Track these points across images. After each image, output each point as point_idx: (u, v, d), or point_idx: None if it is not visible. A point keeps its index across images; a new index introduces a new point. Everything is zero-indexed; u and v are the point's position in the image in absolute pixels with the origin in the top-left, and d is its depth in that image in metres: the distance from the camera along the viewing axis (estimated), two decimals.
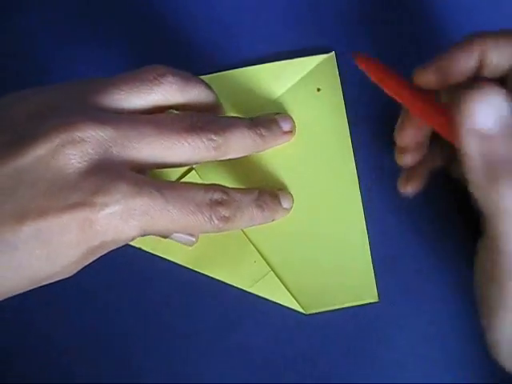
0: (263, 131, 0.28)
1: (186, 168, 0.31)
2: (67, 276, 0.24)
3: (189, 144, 0.25)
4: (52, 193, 0.22)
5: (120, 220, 0.23)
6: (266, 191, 0.29)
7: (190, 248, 0.30)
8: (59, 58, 0.33)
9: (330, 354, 0.30)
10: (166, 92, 0.26)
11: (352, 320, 0.30)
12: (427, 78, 0.24)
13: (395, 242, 0.30)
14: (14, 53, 0.34)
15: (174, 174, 0.31)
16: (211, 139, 0.25)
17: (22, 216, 0.22)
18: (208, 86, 0.28)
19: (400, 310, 0.30)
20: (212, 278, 0.31)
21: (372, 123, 0.32)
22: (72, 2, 0.34)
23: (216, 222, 0.25)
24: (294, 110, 0.31)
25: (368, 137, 0.32)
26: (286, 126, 0.30)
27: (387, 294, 0.30)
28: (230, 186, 0.30)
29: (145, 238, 0.27)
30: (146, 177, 0.24)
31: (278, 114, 0.30)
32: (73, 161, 0.22)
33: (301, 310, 0.30)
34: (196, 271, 0.31)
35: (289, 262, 0.31)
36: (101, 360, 0.31)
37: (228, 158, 0.27)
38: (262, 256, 0.31)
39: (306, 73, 0.32)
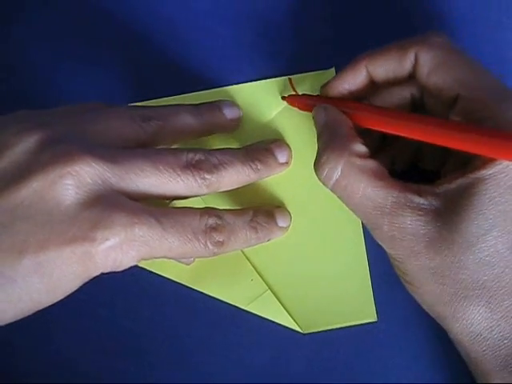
0: (258, 165, 0.28)
1: None
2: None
3: (183, 181, 0.25)
4: (51, 226, 0.22)
5: (120, 251, 0.23)
6: (261, 211, 0.28)
7: (187, 266, 0.30)
8: (57, 72, 0.34)
9: (328, 374, 0.30)
10: (156, 131, 0.26)
11: (350, 340, 0.30)
12: (332, 90, 0.28)
13: None
14: (10, 66, 0.34)
15: None
16: (204, 178, 0.25)
17: (20, 250, 0.22)
18: (195, 111, 0.28)
19: (398, 329, 0.30)
20: (208, 295, 0.31)
21: None
22: (69, 17, 0.34)
23: (211, 247, 0.25)
24: (293, 126, 0.31)
25: None
26: (282, 158, 0.29)
27: (385, 314, 0.30)
28: (228, 202, 0.30)
29: None
30: (143, 205, 0.24)
31: (274, 142, 0.30)
32: (70, 191, 0.22)
33: (298, 329, 0.30)
34: (192, 288, 0.31)
35: (286, 280, 0.30)
36: (94, 371, 0.31)
37: (221, 191, 0.27)
38: (259, 274, 0.30)
39: (305, 89, 0.31)
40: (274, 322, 0.30)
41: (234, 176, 0.27)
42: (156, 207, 0.24)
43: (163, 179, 0.24)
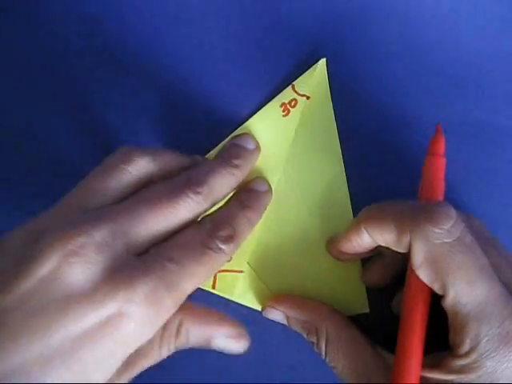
0: (235, 161, 0.28)
1: None
2: None
3: (179, 205, 0.24)
4: (67, 311, 0.20)
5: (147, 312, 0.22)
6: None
7: None
8: None
9: (320, 368, 0.30)
10: (140, 167, 0.25)
11: None
12: (336, 252, 0.29)
13: None
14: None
15: None
16: (197, 192, 0.25)
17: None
18: (178, 153, 0.27)
19: (389, 320, 0.30)
20: (200, 288, 0.30)
21: (361, 130, 0.32)
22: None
23: (222, 246, 0.25)
24: (283, 117, 0.31)
25: (357, 144, 0.31)
26: (250, 145, 0.30)
27: (377, 304, 0.30)
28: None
29: None
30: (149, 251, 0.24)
31: (234, 137, 0.30)
32: (79, 270, 0.21)
33: None
34: None
35: (278, 273, 0.30)
36: None
37: (218, 202, 0.26)
38: (252, 267, 0.30)
39: (306, 90, 0.31)
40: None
41: (221, 179, 0.26)
42: (159, 245, 0.24)
43: (162, 215, 0.24)
